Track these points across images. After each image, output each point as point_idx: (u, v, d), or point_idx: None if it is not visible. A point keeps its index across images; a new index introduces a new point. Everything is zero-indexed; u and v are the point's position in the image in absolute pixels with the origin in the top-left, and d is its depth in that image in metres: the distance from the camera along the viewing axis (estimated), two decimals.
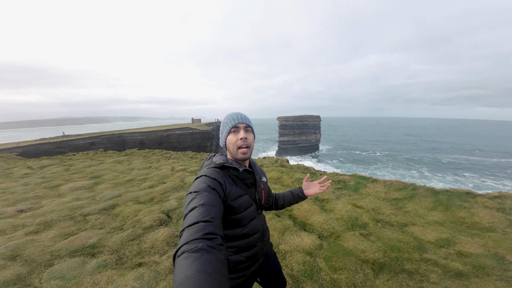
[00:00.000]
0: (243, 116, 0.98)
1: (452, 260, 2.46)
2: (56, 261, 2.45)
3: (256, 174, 1.08)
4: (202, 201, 0.70)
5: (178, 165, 7.37)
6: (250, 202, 0.98)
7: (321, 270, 2.29)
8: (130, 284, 2.07)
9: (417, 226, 3.28)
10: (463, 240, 2.83)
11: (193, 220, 0.62)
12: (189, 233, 0.58)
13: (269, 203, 1.25)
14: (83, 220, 3.54)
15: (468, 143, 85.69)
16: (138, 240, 2.91)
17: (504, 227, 3.18)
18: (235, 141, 0.94)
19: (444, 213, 3.72)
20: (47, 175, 6.37)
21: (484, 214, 3.49)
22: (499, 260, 2.43)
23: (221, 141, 1.02)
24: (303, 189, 1.26)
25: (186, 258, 0.49)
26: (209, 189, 0.77)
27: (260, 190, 1.08)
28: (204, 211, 0.66)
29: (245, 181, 0.99)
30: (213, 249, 0.54)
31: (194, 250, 0.51)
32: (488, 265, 2.33)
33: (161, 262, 2.49)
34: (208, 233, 0.58)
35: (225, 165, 0.93)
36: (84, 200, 4.38)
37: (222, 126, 1.00)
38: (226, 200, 0.87)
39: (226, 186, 0.88)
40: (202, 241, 0.55)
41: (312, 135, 67.56)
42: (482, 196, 4.07)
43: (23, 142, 18.13)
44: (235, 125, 0.95)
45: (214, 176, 0.85)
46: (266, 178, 1.23)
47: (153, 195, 4.53)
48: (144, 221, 3.35)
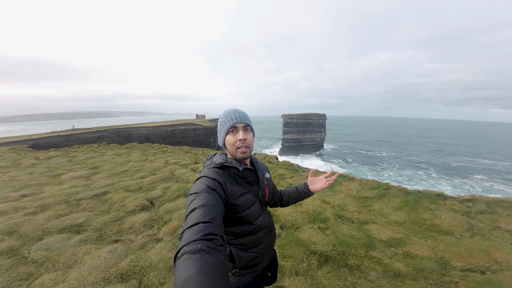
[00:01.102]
0: (241, 115, 0.94)
1: (396, 260, 2.50)
2: (45, 236, 2.86)
3: (258, 171, 1.07)
4: (202, 202, 0.70)
5: (172, 159, 7.78)
6: (253, 200, 0.97)
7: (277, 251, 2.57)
8: (103, 256, 2.43)
9: (376, 224, 3.34)
10: (415, 242, 2.84)
11: (193, 222, 0.62)
12: (189, 234, 0.58)
13: (273, 199, 1.24)
14: (76, 204, 3.98)
15: (480, 146, 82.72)
16: (119, 222, 3.30)
17: (462, 231, 3.17)
18: (234, 141, 0.92)
19: (408, 213, 3.74)
20: (51, 165, 6.94)
21: (446, 217, 3.47)
22: (443, 264, 2.44)
23: (220, 140, 0.99)
24: (308, 185, 1.22)
25: (186, 260, 0.50)
26: (209, 189, 0.78)
27: (264, 187, 1.07)
28: (204, 212, 0.66)
29: (246, 179, 0.98)
30: (213, 250, 0.54)
31: (193, 251, 0.52)
32: (429, 269, 2.34)
33: (135, 240, 2.85)
34: (207, 233, 0.59)
35: (225, 165, 0.93)
36: (80, 187, 4.84)
37: (220, 125, 0.96)
38: (228, 200, 0.86)
39: (227, 185, 0.87)
40: (202, 242, 0.55)
41: (317, 134, 67.06)
42: (453, 199, 4.04)
43: (35, 135, 19.16)
44: (233, 125, 0.91)
45: (213, 176, 0.85)
46: (270, 174, 1.20)
47: (142, 185, 4.93)
48: (128, 206, 3.74)
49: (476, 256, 2.50)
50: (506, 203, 3.74)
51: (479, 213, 3.56)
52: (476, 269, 2.34)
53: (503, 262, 2.39)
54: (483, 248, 2.64)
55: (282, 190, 1.28)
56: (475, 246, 2.69)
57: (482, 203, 3.82)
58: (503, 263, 2.37)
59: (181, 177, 5.64)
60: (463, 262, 2.44)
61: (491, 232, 3.08)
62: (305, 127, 65.24)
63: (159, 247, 2.67)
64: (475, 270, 2.32)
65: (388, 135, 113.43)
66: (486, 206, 3.74)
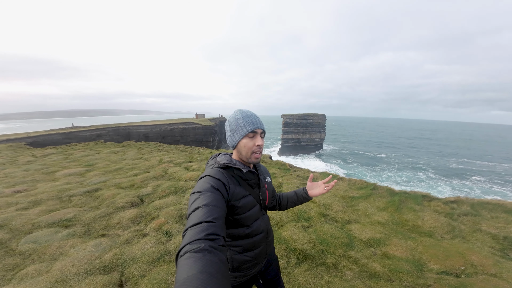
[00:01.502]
0: (260, 121, 0.95)
1: (373, 261, 2.50)
2: (35, 230, 2.96)
3: (260, 175, 1.07)
4: (206, 201, 0.71)
5: (167, 157, 7.88)
6: (254, 203, 0.98)
7: None
8: (88, 249, 2.53)
9: (359, 224, 3.37)
10: (395, 242, 2.84)
11: (196, 220, 0.63)
12: (192, 233, 0.59)
13: (273, 203, 1.24)
14: (68, 200, 4.07)
15: (480, 148, 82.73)
16: (108, 217, 3.40)
17: (443, 233, 3.17)
18: (251, 146, 0.92)
19: (392, 214, 3.75)
20: (47, 163, 7.04)
21: (429, 218, 3.47)
22: (419, 266, 2.44)
23: (232, 141, 0.96)
24: (307, 190, 1.22)
25: (189, 258, 0.50)
26: (213, 189, 0.78)
27: (264, 190, 1.07)
28: (207, 211, 0.67)
29: (249, 181, 0.99)
30: (215, 249, 0.55)
31: (196, 250, 0.52)
32: (404, 270, 2.33)
33: (122, 235, 2.94)
34: (210, 233, 0.59)
35: (229, 166, 0.93)
36: (73, 184, 4.93)
37: (236, 125, 0.94)
38: (230, 201, 0.87)
39: (230, 186, 0.88)
40: (205, 242, 0.56)
41: (317, 134, 67.09)
42: (438, 200, 4.04)
43: (34, 133, 19.25)
44: (253, 129, 0.91)
45: (217, 176, 0.86)
46: (271, 178, 1.20)
47: (134, 182, 5.03)
48: (118, 202, 3.83)
49: (452, 259, 2.51)
50: (490, 205, 3.73)
51: (463, 215, 3.56)
52: (452, 272, 2.33)
53: (478, 265, 2.39)
54: (461, 251, 2.65)
55: (281, 194, 1.29)
56: (453, 249, 2.70)
57: (467, 205, 3.83)
58: (479, 266, 2.38)
59: (174, 175, 5.73)
60: (440, 264, 2.44)
61: (472, 235, 3.09)
62: (304, 127, 65.25)
63: (144, 241, 2.76)
64: (450, 273, 2.32)
65: (388, 136, 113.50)
66: (470, 208, 3.75)
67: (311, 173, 6.28)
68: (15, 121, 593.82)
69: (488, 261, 2.43)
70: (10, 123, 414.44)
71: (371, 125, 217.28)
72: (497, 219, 3.38)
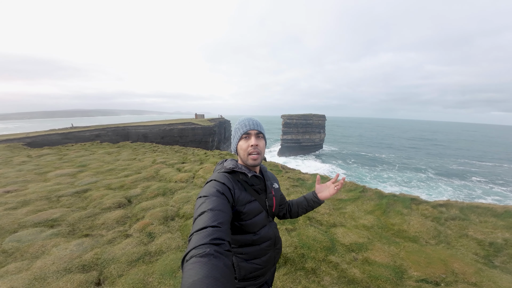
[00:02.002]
0: (255, 122, 0.97)
1: (353, 266, 2.46)
2: (20, 229, 3.03)
3: (267, 180, 1.07)
4: (211, 205, 0.71)
5: (161, 158, 7.94)
6: (260, 209, 0.96)
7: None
8: (70, 248, 2.59)
9: (344, 227, 3.32)
10: (377, 247, 2.79)
11: (201, 225, 0.63)
12: (198, 238, 0.59)
13: (282, 211, 1.21)
14: (56, 201, 4.14)
15: (480, 149, 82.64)
16: (93, 218, 3.46)
17: (428, 238, 3.11)
18: (246, 147, 0.94)
19: (379, 217, 3.69)
20: (41, 163, 7.12)
21: (415, 223, 3.41)
22: (399, 273, 2.40)
23: (233, 146, 1.01)
24: (317, 193, 1.19)
25: (194, 263, 0.51)
26: (218, 193, 0.79)
27: (271, 196, 1.06)
28: (213, 216, 0.67)
29: (254, 186, 0.99)
30: (221, 254, 0.55)
31: (202, 255, 0.52)
32: (384, 277, 2.29)
33: (105, 236, 3.01)
34: (216, 238, 0.59)
35: (235, 170, 0.95)
36: (63, 184, 5.00)
37: (234, 131, 1.00)
38: (235, 206, 0.86)
39: (235, 191, 0.88)
40: (210, 246, 0.56)
41: (316, 135, 67.10)
42: (426, 203, 3.98)
43: (33, 133, 19.35)
44: (246, 131, 0.94)
45: (223, 180, 0.86)
46: (279, 184, 1.19)
47: (124, 183, 5.09)
48: (105, 203, 3.90)
49: (434, 266, 2.46)
50: (480, 209, 3.70)
51: (450, 219, 3.51)
52: (431, 280, 2.28)
53: (459, 273, 2.34)
54: (443, 258, 2.59)
55: (291, 201, 1.25)
56: (436, 255, 2.65)
57: (456, 209, 3.78)
58: (459, 274, 2.33)
59: (165, 176, 5.80)
60: (420, 271, 2.39)
61: (457, 240, 3.03)
62: (304, 127, 65.29)
63: (126, 242, 2.82)
64: (429, 281, 2.26)
65: (388, 137, 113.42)
66: (459, 211, 3.71)
67: (303, 174, 6.32)
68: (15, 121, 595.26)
69: (470, 269, 2.38)
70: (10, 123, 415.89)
71: (371, 126, 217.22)
72: (485, 224, 3.35)
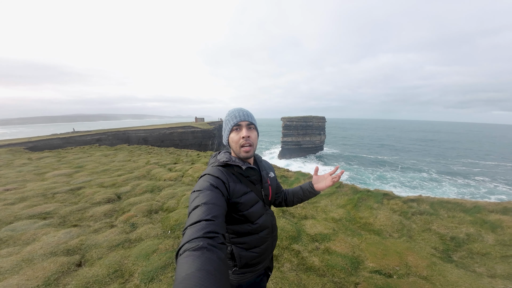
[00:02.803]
0: (245, 113, 0.96)
1: (314, 255, 2.57)
2: (16, 221, 3.35)
3: (262, 170, 1.08)
4: (205, 199, 0.72)
5: (154, 159, 8.28)
6: (256, 199, 0.98)
7: None
8: (58, 236, 2.90)
9: (314, 220, 3.46)
10: (340, 239, 2.90)
11: (195, 219, 0.64)
12: (191, 231, 0.59)
13: (278, 199, 1.24)
14: (52, 197, 4.47)
15: (482, 148, 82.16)
16: (83, 211, 3.78)
17: (392, 231, 3.20)
18: (238, 139, 0.93)
19: (349, 211, 3.83)
20: (40, 165, 7.50)
21: (382, 217, 3.50)
22: (355, 263, 2.48)
23: (224, 139, 1.01)
24: (313, 184, 1.20)
25: (188, 257, 0.51)
26: (212, 187, 0.79)
27: (267, 186, 1.07)
28: (206, 209, 0.68)
29: (249, 178, 0.99)
30: (214, 247, 0.55)
31: (195, 249, 0.53)
32: (340, 266, 2.37)
33: (92, 226, 3.32)
34: (209, 231, 0.60)
35: (228, 163, 0.94)
36: (60, 183, 5.34)
37: (224, 123, 0.98)
38: (231, 198, 0.87)
39: (230, 184, 0.88)
40: (203, 240, 0.56)
41: (317, 136, 67.25)
42: (398, 199, 4.09)
43: (35, 137, 19.88)
44: (237, 122, 0.93)
45: (217, 174, 0.87)
46: (275, 173, 1.20)
47: (116, 181, 5.42)
48: (96, 198, 4.22)
49: (389, 258, 2.54)
50: (450, 204, 3.79)
51: (418, 214, 3.60)
52: (385, 272, 2.35)
53: (412, 266, 2.41)
54: (400, 250, 2.67)
55: (287, 190, 1.28)
56: (394, 248, 2.73)
57: (427, 204, 3.88)
58: (412, 267, 2.40)
59: (156, 175, 6.12)
60: (376, 263, 2.47)
61: (420, 234, 3.11)
62: (304, 129, 65.53)
63: (109, 231, 3.13)
64: (383, 273, 2.34)
65: (390, 138, 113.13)
66: (430, 206, 3.81)
67: (287, 172, 6.59)
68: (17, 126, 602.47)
69: (423, 263, 2.46)
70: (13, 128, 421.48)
71: (372, 127, 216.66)
72: (453, 219, 3.43)
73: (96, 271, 2.30)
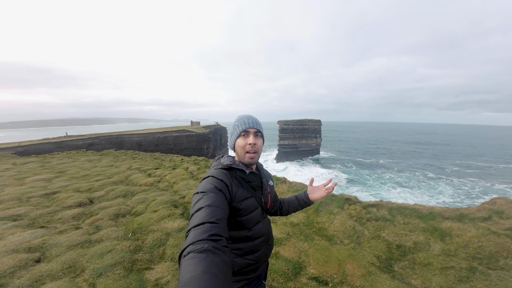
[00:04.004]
0: (254, 121, 0.99)
1: None
2: None
3: (263, 177, 1.09)
4: (209, 202, 0.72)
5: (137, 164, 8.56)
6: (255, 205, 0.99)
7: (167, 243, 3.07)
8: (23, 236, 3.18)
9: (274, 224, 3.53)
10: (291, 243, 2.93)
11: (199, 221, 0.64)
12: (195, 233, 0.60)
13: (274, 208, 1.25)
14: (26, 201, 4.73)
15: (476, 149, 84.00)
16: (53, 214, 4.05)
17: (344, 237, 3.22)
18: (244, 145, 0.96)
19: (309, 216, 3.88)
20: (22, 170, 7.73)
21: (337, 222, 3.52)
22: (297, 268, 2.51)
23: (230, 143, 1.03)
24: (308, 194, 1.23)
25: (192, 258, 0.51)
26: (216, 190, 0.80)
27: (267, 193, 1.09)
28: (210, 212, 0.68)
29: (251, 183, 1.00)
30: (219, 250, 0.56)
31: (200, 251, 0.53)
32: (281, 271, 2.40)
33: (59, 228, 3.59)
34: (213, 234, 0.60)
35: (232, 167, 0.96)
36: (37, 188, 5.60)
37: (233, 128, 1.01)
38: (232, 202, 0.88)
39: (233, 187, 0.89)
40: (208, 242, 0.57)
41: (313, 139, 67.89)
42: (360, 204, 4.09)
43: (25, 142, 19.93)
44: (245, 129, 0.96)
45: (220, 177, 0.87)
46: (273, 182, 1.23)
47: (92, 186, 5.69)
48: (67, 202, 4.49)
49: (330, 265, 2.56)
50: (408, 210, 3.83)
51: (373, 220, 3.59)
52: (323, 279, 2.37)
53: (349, 275, 2.42)
54: (341, 258, 2.67)
55: (282, 199, 1.30)
56: (337, 255, 2.74)
57: (385, 209, 3.89)
58: (348, 276, 2.41)
59: (133, 181, 6.39)
60: (316, 269, 2.49)
61: (369, 241, 3.11)
62: (300, 132, 66.17)
63: (73, 232, 3.41)
64: (320, 280, 2.36)
65: (385, 140, 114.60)
66: (388, 212, 3.81)
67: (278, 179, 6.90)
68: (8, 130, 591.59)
69: (359, 271, 2.45)
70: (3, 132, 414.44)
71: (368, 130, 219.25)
72: (406, 225, 3.43)
73: (51, 266, 2.59)
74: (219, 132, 48.04)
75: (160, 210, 4.18)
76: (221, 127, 50.56)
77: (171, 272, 2.54)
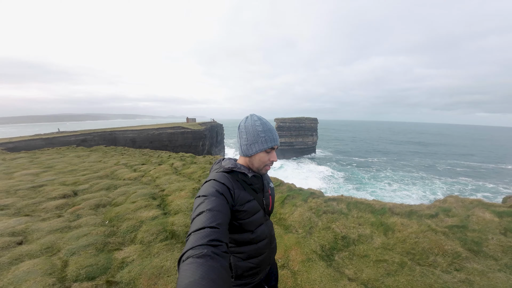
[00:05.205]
0: (277, 138, 0.98)
1: None
2: None
3: (264, 180, 1.09)
4: (210, 206, 0.72)
5: (124, 160, 8.87)
6: (258, 208, 0.98)
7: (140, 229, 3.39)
8: (8, 222, 3.53)
9: None
10: None
11: (199, 225, 0.64)
12: (195, 238, 0.60)
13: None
14: (14, 193, 5.06)
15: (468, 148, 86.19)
16: (38, 204, 4.40)
17: (299, 227, 3.38)
18: (266, 160, 0.96)
19: (276, 207, 3.98)
20: (11, 165, 7.99)
21: (297, 213, 3.67)
22: None
23: (248, 151, 0.96)
24: None
25: (191, 264, 0.51)
26: (217, 193, 0.79)
27: (268, 195, 1.09)
28: (211, 216, 0.68)
29: (253, 186, 1.00)
30: (218, 256, 0.56)
31: (199, 256, 0.53)
32: None
33: (42, 216, 3.95)
34: (213, 239, 0.60)
35: (234, 170, 0.95)
36: (25, 182, 5.91)
37: (256, 137, 0.94)
38: (234, 205, 0.87)
39: (235, 191, 0.89)
40: (207, 248, 0.56)
41: (309, 137, 68.55)
42: (322, 198, 4.23)
43: (16, 138, 19.92)
44: (272, 146, 0.95)
45: (222, 180, 0.87)
46: (273, 184, 1.24)
47: (78, 180, 6.03)
48: (52, 194, 4.83)
49: (277, 251, 2.66)
50: (363, 205, 3.91)
51: (329, 213, 3.70)
52: None
53: (291, 260, 2.59)
54: (289, 245, 2.86)
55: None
56: (286, 242, 2.93)
57: (344, 203, 4.00)
58: (290, 261, 2.59)
59: (118, 176, 6.73)
60: None
61: (320, 231, 3.25)
62: (297, 130, 66.69)
63: (55, 220, 3.77)
64: None
65: (381, 139, 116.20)
66: (346, 206, 3.91)
67: None
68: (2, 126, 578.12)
69: (300, 258, 2.64)
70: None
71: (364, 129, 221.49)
72: (359, 219, 3.54)
73: (31, 248, 2.96)
74: (215, 129, 48.07)
75: (139, 201, 4.53)
76: (217, 124, 50.52)
77: (138, 252, 2.92)
